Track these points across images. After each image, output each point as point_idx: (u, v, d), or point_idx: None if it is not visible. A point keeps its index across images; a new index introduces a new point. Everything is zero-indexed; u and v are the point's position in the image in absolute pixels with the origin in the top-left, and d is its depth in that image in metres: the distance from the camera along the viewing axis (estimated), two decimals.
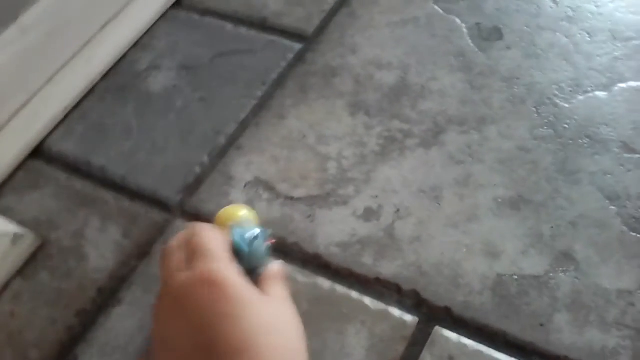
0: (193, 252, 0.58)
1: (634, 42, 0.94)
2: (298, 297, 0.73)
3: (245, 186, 0.84)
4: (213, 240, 0.59)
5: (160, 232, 0.81)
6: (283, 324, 0.56)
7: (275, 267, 0.64)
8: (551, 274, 0.73)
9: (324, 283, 0.75)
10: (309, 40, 1.00)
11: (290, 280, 0.75)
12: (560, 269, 0.73)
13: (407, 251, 0.76)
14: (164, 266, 0.59)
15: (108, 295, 0.77)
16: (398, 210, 0.80)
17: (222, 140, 0.89)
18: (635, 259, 0.73)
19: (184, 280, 0.55)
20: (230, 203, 0.81)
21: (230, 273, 0.55)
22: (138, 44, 1.04)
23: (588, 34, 0.95)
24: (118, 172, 0.88)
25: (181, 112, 0.93)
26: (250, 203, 0.82)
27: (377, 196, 0.81)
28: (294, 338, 0.55)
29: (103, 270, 0.79)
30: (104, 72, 1.00)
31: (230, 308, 0.52)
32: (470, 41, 0.96)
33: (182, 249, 0.59)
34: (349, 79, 0.94)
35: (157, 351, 0.55)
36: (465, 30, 0.97)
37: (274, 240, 0.68)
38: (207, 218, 0.79)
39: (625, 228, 0.75)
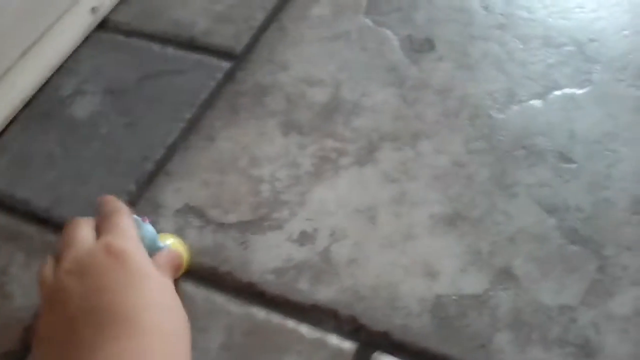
0: (104, 228, 0.59)
1: (567, 48, 0.93)
2: (231, 328, 0.71)
3: (174, 214, 0.80)
4: (126, 220, 0.61)
5: None
6: (174, 307, 0.56)
7: (166, 252, 0.63)
8: (491, 293, 0.71)
9: (259, 312, 0.72)
10: (238, 59, 0.97)
11: (222, 312, 0.72)
12: (500, 286, 0.71)
13: (344, 275, 0.74)
14: (70, 235, 0.59)
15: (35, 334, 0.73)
16: (334, 232, 0.77)
17: (149, 166, 0.85)
18: (575, 272, 0.72)
19: (89, 248, 0.57)
20: (159, 232, 0.78)
21: (134, 248, 0.57)
22: (61, 69, 0.99)
23: (521, 41, 0.94)
24: (42, 204, 0.84)
25: (106, 138, 0.89)
26: (180, 231, 0.79)
27: (312, 219, 0.79)
28: (182, 325, 0.55)
29: (29, 309, 0.75)
30: (27, 100, 0.96)
31: (127, 278, 0.53)
32: (402, 54, 0.94)
33: (91, 225, 0.61)
34: (281, 97, 0.91)
35: (46, 312, 0.54)
36: (396, 42, 0.96)
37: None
38: None
39: (565, 241, 0.74)
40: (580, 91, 0.88)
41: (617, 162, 0.80)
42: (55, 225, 0.82)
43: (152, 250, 0.64)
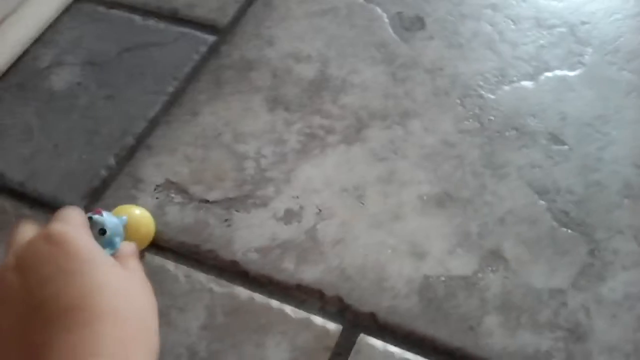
0: (48, 224, 0.53)
1: (559, 29, 0.91)
2: (213, 308, 0.68)
3: (155, 189, 0.78)
4: (70, 211, 0.55)
5: None
6: (130, 291, 0.51)
7: (128, 246, 0.59)
8: (480, 274, 0.69)
9: (242, 292, 0.70)
10: (223, 32, 0.94)
11: (204, 291, 0.70)
12: (489, 268, 0.70)
13: (330, 254, 0.72)
14: (14, 235, 0.54)
15: None
16: (320, 211, 0.75)
17: (130, 140, 0.83)
18: (566, 255, 0.70)
19: (29, 239, 0.51)
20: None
21: (75, 232, 0.51)
22: (40, 40, 0.96)
23: (512, 21, 0.93)
24: (17, 177, 0.81)
25: (86, 111, 0.86)
26: (161, 208, 0.76)
27: (298, 196, 0.77)
28: (140, 309, 0.50)
29: None
30: (4, 71, 0.93)
31: (69, 264, 0.48)
32: (391, 31, 0.92)
33: (37, 226, 0.55)
34: (267, 72, 0.89)
35: None
36: (386, 19, 0.93)
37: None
38: None
39: (555, 223, 0.72)
40: (571, 73, 0.86)
41: (609, 144, 0.79)
42: (31, 200, 0.79)
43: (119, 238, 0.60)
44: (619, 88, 0.84)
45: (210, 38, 0.93)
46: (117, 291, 0.49)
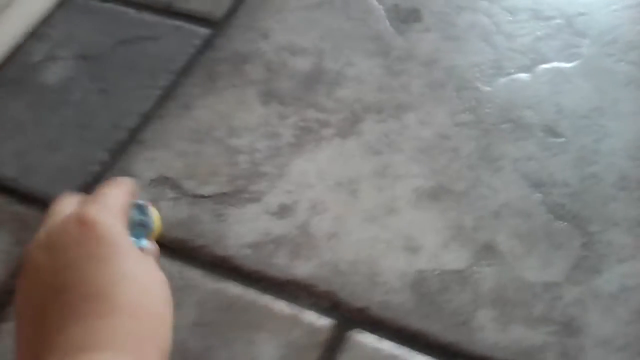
0: (87, 199, 0.51)
1: (556, 20, 0.90)
2: (204, 304, 0.68)
3: (148, 184, 0.78)
4: (113, 191, 0.52)
5: None
6: (152, 287, 0.50)
7: (153, 245, 0.58)
8: (474, 268, 0.69)
9: (234, 288, 0.69)
10: (217, 25, 0.93)
11: (196, 287, 0.69)
12: (483, 262, 0.69)
13: (323, 249, 0.71)
14: (51, 208, 0.53)
15: None
16: (314, 205, 0.75)
17: (123, 134, 0.82)
18: (561, 248, 0.70)
19: (60, 219, 0.50)
20: (132, 204, 0.75)
21: (109, 218, 0.49)
22: (33, 34, 0.96)
23: (509, 13, 0.92)
24: (9, 173, 0.81)
25: (78, 105, 0.86)
26: (154, 203, 0.75)
27: (291, 191, 0.76)
28: (160, 306, 0.49)
29: None
30: None
31: (98, 249, 0.47)
32: (387, 23, 0.91)
33: (77, 199, 0.54)
34: (261, 65, 0.88)
35: (20, 288, 0.49)
36: (382, 12, 0.93)
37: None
38: None
39: (550, 216, 0.72)
40: (568, 65, 0.85)
41: (605, 136, 0.78)
42: (23, 195, 0.79)
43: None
44: (616, 80, 0.84)
45: (205, 31, 0.93)
46: (140, 285, 0.48)
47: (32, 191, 0.79)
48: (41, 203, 0.77)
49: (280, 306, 0.68)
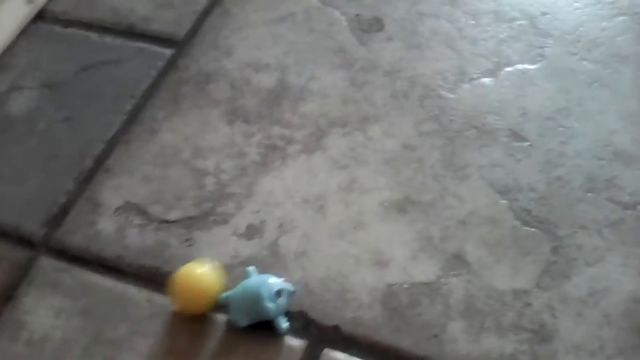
0: None
1: (519, 22, 0.90)
2: (176, 332, 0.67)
3: (114, 212, 0.77)
4: None
5: (24, 272, 0.74)
6: None
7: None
8: (443, 279, 0.68)
9: (204, 314, 0.69)
10: (180, 45, 0.93)
11: (166, 315, 0.69)
12: (452, 272, 0.69)
13: (293, 268, 0.71)
14: None
15: None
16: (282, 224, 0.74)
17: (88, 163, 0.82)
18: (529, 254, 0.69)
19: None
20: (97, 233, 0.75)
21: None
22: None
23: (472, 17, 0.92)
24: None
25: (44, 135, 0.85)
26: (120, 231, 0.75)
27: (259, 210, 0.76)
28: None
29: None
30: None
31: None
32: (350, 34, 0.91)
33: None
34: (225, 84, 0.88)
35: None
36: (344, 22, 0.92)
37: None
38: (74, 253, 0.73)
39: (517, 222, 0.72)
40: (532, 66, 0.85)
41: (571, 138, 0.78)
42: None
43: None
44: (581, 79, 0.84)
45: (168, 52, 0.92)
46: None
47: (1, 226, 0.78)
48: (8, 237, 0.77)
49: (253, 330, 0.67)
